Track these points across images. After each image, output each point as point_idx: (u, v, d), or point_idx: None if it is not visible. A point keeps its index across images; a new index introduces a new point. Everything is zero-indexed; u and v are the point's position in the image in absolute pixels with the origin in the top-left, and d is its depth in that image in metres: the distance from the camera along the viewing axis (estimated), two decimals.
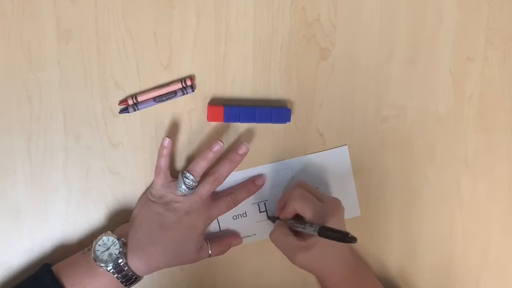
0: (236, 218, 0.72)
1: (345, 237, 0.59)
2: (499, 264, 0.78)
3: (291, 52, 0.71)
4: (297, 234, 0.68)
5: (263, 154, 0.72)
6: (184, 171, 0.66)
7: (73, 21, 0.66)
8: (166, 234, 0.65)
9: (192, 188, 0.66)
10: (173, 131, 0.70)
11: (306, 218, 0.66)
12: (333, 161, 0.73)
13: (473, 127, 0.76)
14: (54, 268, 0.64)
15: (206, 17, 0.69)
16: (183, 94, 0.68)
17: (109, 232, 0.65)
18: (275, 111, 0.70)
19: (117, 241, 0.63)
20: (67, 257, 0.69)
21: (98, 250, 0.63)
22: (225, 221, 0.72)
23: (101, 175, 0.69)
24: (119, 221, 0.70)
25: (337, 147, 0.74)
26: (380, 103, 0.74)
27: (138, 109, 0.68)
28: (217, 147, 0.67)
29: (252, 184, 0.71)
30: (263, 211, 0.73)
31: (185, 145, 0.71)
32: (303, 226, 0.65)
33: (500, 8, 0.74)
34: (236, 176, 0.71)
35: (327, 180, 0.74)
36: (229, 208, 0.70)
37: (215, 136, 0.71)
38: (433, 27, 0.73)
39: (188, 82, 0.68)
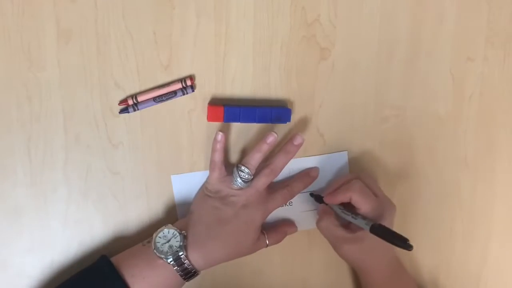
0: None
1: (399, 241, 0.60)
2: (499, 264, 0.78)
3: (291, 52, 0.71)
4: (343, 222, 0.68)
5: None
6: (239, 165, 0.66)
7: (73, 21, 0.66)
8: (224, 229, 0.65)
9: (248, 181, 0.66)
10: (173, 131, 0.70)
11: (361, 211, 0.66)
12: (332, 165, 0.73)
13: (473, 127, 0.76)
14: (113, 259, 0.64)
15: (206, 17, 0.69)
16: (183, 94, 0.68)
17: (170, 225, 0.65)
18: (275, 111, 0.70)
19: (178, 234, 0.64)
20: (66, 257, 0.69)
21: (159, 242, 0.63)
22: None
23: (101, 175, 0.69)
24: (119, 221, 0.70)
25: (337, 151, 0.73)
26: (380, 103, 0.74)
27: (138, 109, 0.68)
28: (271, 139, 0.67)
29: (307, 175, 0.72)
30: None
31: (185, 145, 0.70)
32: (354, 217, 0.66)
33: (500, 8, 0.74)
34: None
35: (324, 183, 0.74)
36: (286, 200, 0.69)
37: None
38: (433, 27, 0.73)
39: (188, 82, 0.68)
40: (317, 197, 0.72)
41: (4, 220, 0.68)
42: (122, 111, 0.68)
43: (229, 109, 0.69)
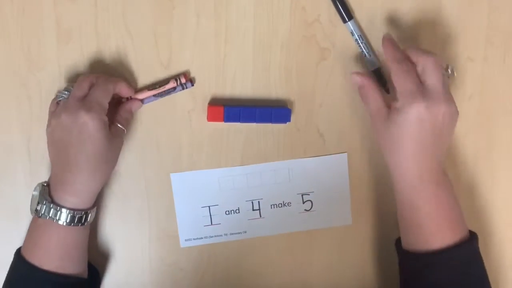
0: (229, 213, 0.72)
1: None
2: (500, 264, 0.78)
3: (291, 52, 0.71)
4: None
5: (263, 154, 0.72)
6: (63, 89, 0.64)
7: (73, 21, 0.66)
8: (69, 153, 0.60)
9: (69, 92, 0.63)
10: (173, 131, 0.70)
11: (423, 66, 0.61)
12: (331, 167, 0.73)
13: (473, 127, 0.76)
14: (22, 248, 0.64)
15: (206, 17, 0.69)
16: (183, 88, 0.68)
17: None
18: (275, 111, 0.70)
19: (37, 187, 0.62)
20: None
21: (32, 204, 0.62)
22: (216, 215, 0.72)
23: None
24: (119, 220, 0.70)
25: (337, 151, 0.73)
26: None
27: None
28: (124, 91, 0.65)
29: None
30: (256, 209, 0.73)
31: (185, 145, 0.70)
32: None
33: (500, 8, 0.74)
34: (236, 171, 0.72)
35: (323, 185, 0.74)
36: (103, 87, 0.62)
37: (215, 136, 0.71)
38: (433, 27, 0.73)
39: (183, 80, 0.68)
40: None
41: (4, 220, 0.68)
42: None
43: (229, 109, 0.69)
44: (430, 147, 0.61)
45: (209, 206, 0.72)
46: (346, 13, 0.70)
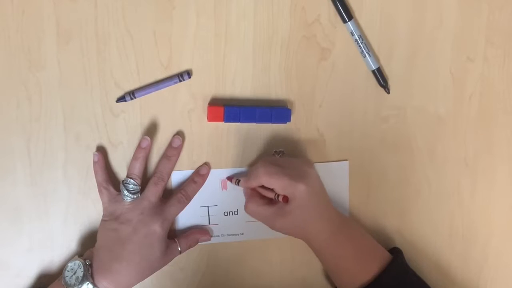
0: (227, 214, 0.72)
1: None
2: (499, 264, 0.78)
3: (291, 52, 0.71)
4: (269, 200, 0.68)
5: (263, 154, 0.72)
6: (124, 179, 0.66)
7: (73, 21, 0.66)
8: (125, 248, 0.64)
9: (136, 193, 0.66)
10: (173, 131, 0.70)
11: (276, 190, 0.66)
12: (332, 174, 0.73)
13: (473, 127, 0.76)
14: None
15: (206, 17, 0.69)
16: (180, 81, 0.68)
17: (76, 256, 0.66)
18: (275, 111, 0.70)
19: (82, 264, 0.63)
20: (65, 257, 0.69)
21: (67, 276, 0.63)
22: (215, 216, 0.72)
23: None
24: None
25: (337, 154, 0.73)
26: (380, 103, 0.74)
27: (135, 97, 0.68)
28: (145, 143, 0.67)
29: (197, 175, 0.70)
30: None
31: (185, 146, 0.70)
32: (276, 198, 0.66)
33: (500, 8, 0.74)
34: (235, 173, 0.71)
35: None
36: (183, 204, 0.69)
37: (215, 136, 0.71)
38: (433, 27, 0.73)
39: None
40: (232, 179, 0.71)
41: (4, 220, 0.68)
42: (119, 99, 0.68)
43: (229, 109, 0.69)
44: (324, 207, 0.67)
45: (208, 206, 0.72)
46: (346, 13, 0.70)
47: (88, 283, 0.62)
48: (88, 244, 0.69)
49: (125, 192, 0.66)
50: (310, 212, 0.66)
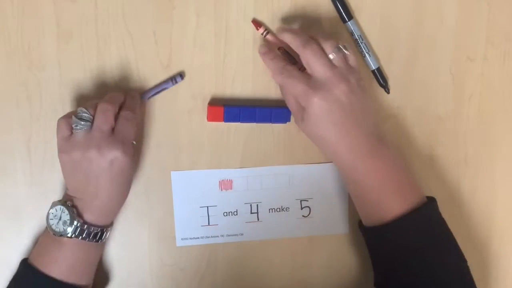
0: (227, 215, 0.72)
1: None
2: (499, 264, 0.78)
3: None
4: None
5: (263, 154, 0.72)
6: (76, 110, 0.63)
7: (73, 21, 0.66)
8: (99, 185, 0.62)
9: (87, 121, 0.62)
10: (173, 131, 0.70)
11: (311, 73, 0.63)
12: (332, 174, 0.73)
13: (473, 127, 0.76)
14: (30, 258, 0.64)
15: (206, 17, 0.69)
16: (173, 84, 0.68)
17: (55, 201, 0.64)
18: (275, 111, 0.70)
19: (64, 208, 0.62)
20: None
21: (53, 224, 0.62)
22: (214, 216, 0.72)
23: None
24: (119, 220, 0.70)
25: None
26: (380, 103, 0.73)
27: None
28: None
29: (133, 91, 0.67)
30: (254, 213, 0.73)
31: (185, 146, 0.70)
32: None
33: (500, 8, 0.74)
34: (235, 174, 0.72)
35: (322, 192, 0.73)
36: (132, 119, 0.63)
37: (215, 136, 0.71)
38: (433, 27, 0.73)
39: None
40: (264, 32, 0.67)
41: (4, 220, 0.68)
42: None
43: (229, 109, 0.69)
44: (349, 126, 0.62)
45: (207, 207, 0.72)
46: (346, 13, 0.70)
47: (78, 223, 0.61)
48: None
49: (76, 120, 0.61)
50: (328, 127, 0.62)
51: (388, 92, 0.72)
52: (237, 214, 0.73)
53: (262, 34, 0.69)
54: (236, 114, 0.69)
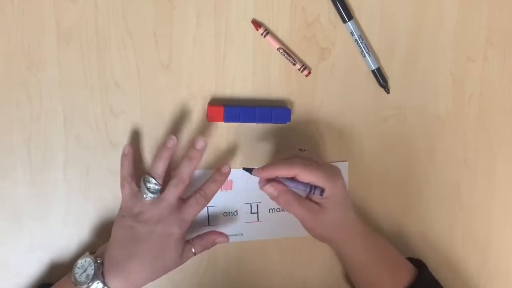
0: (227, 215, 0.72)
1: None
2: (499, 264, 0.78)
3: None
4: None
5: (263, 154, 0.72)
6: (145, 176, 0.65)
7: (73, 21, 0.66)
8: (140, 247, 0.63)
9: (156, 192, 0.65)
10: (173, 131, 0.70)
11: (313, 182, 0.65)
12: None
13: (473, 127, 0.76)
14: None
15: (206, 17, 0.69)
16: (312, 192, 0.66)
17: (87, 253, 0.65)
18: (275, 111, 0.70)
19: (92, 262, 0.62)
20: (65, 257, 0.69)
21: (77, 273, 0.62)
22: (214, 216, 0.72)
23: (101, 175, 0.69)
24: None
25: (336, 155, 0.73)
26: (380, 103, 0.74)
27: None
28: (171, 143, 0.65)
29: (218, 173, 0.67)
30: (254, 213, 0.73)
31: (185, 146, 0.70)
32: (312, 190, 0.64)
33: (500, 8, 0.74)
34: (235, 174, 0.71)
35: None
36: (201, 205, 0.66)
37: (215, 136, 0.71)
38: (433, 27, 0.73)
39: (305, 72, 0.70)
40: (249, 170, 0.67)
41: (4, 220, 0.68)
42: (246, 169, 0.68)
43: (229, 109, 0.69)
44: (340, 221, 0.66)
45: (207, 207, 0.72)
46: (346, 13, 0.70)
47: (98, 282, 0.61)
48: (88, 244, 0.69)
49: (145, 190, 0.64)
50: (348, 210, 0.65)
51: (388, 92, 0.72)
52: (237, 214, 0.73)
53: (262, 34, 0.69)
54: (236, 114, 0.69)
